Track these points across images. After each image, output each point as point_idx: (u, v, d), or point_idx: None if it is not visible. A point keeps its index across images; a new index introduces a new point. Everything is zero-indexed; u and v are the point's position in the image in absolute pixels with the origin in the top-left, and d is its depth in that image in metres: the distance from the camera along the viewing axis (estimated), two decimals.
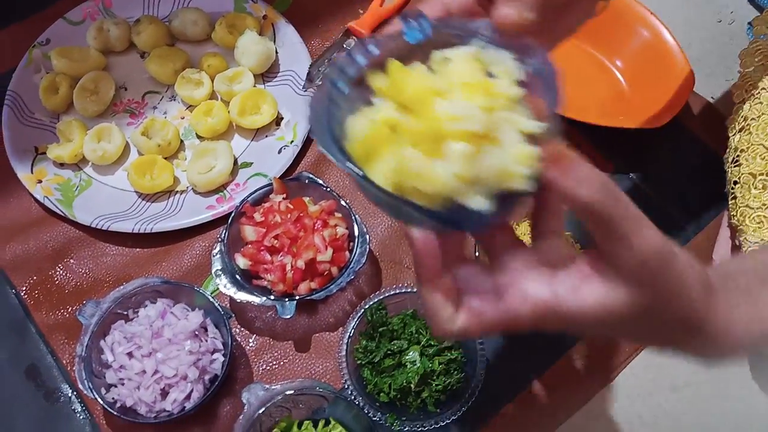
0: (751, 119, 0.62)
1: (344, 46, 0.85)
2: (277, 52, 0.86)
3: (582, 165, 0.36)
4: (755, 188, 0.60)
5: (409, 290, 0.68)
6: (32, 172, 0.78)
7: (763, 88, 0.63)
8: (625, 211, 0.37)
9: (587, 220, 0.37)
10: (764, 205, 0.60)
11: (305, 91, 0.82)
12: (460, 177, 0.36)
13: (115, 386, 0.66)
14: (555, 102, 0.38)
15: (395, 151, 0.37)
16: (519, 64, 0.39)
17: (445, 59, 0.39)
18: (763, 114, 0.61)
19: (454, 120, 0.36)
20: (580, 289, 0.37)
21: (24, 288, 0.74)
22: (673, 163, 0.80)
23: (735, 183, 0.63)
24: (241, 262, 0.70)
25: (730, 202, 0.65)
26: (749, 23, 0.89)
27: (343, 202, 0.72)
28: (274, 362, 0.71)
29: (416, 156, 0.36)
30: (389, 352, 0.67)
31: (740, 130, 0.64)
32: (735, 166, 0.63)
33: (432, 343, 0.67)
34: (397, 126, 0.37)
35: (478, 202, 0.36)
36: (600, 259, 0.38)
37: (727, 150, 0.66)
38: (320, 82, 0.38)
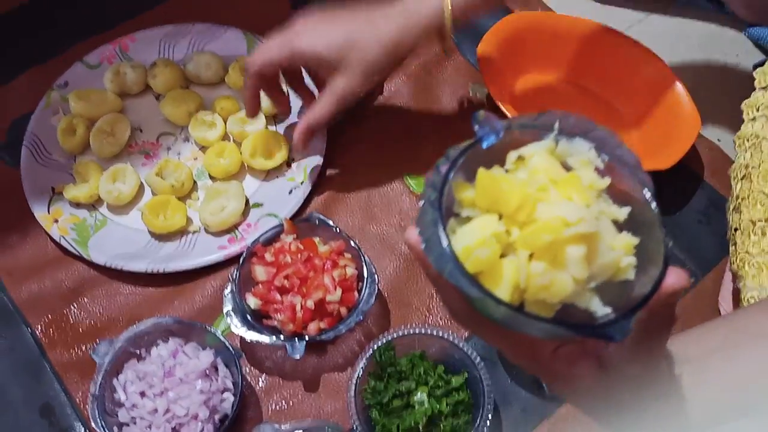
0: (752, 167, 0.63)
1: None
2: (288, 94, 0.88)
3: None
4: (755, 234, 0.61)
5: (417, 331, 0.69)
6: (49, 212, 0.80)
7: (764, 138, 0.64)
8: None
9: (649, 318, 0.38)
10: (763, 251, 0.60)
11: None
12: (581, 281, 0.36)
13: (128, 425, 0.66)
14: (647, 182, 0.39)
15: (514, 264, 0.36)
16: (595, 151, 0.40)
17: (519, 158, 0.40)
18: (763, 162, 0.62)
19: (568, 225, 0.36)
20: None
21: (39, 327, 0.75)
22: (679, 206, 0.81)
23: (735, 230, 0.64)
24: (252, 301, 0.71)
25: (730, 249, 0.66)
26: (755, 66, 0.90)
27: (352, 243, 0.73)
28: (284, 402, 0.72)
29: (542, 269, 0.36)
30: (397, 392, 0.68)
31: (742, 178, 0.65)
32: (736, 213, 0.64)
33: (440, 384, 0.68)
34: (504, 240, 0.37)
35: (597, 304, 0.37)
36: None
37: (730, 198, 0.67)
38: (421, 207, 0.39)
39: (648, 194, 0.39)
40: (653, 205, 0.38)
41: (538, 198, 0.37)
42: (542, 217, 0.36)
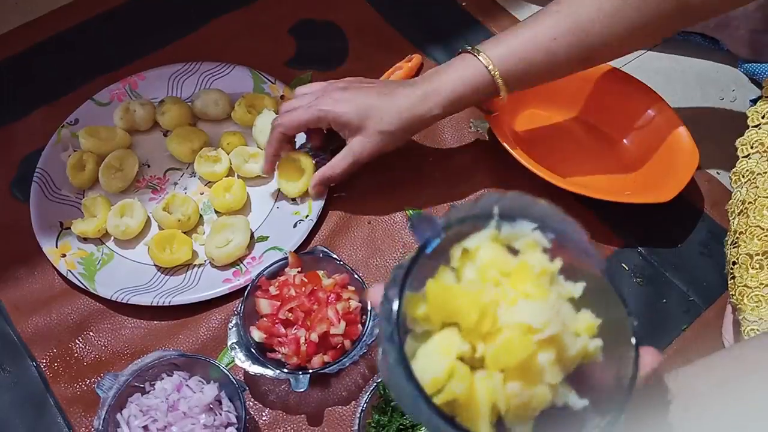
0: (748, 203, 0.64)
1: None
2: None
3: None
4: (753, 268, 0.62)
5: None
6: (57, 246, 0.81)
7: (759, 174, 0.65)
8: None
9: None
10: (761, 284, 0.61)
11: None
12: (556, 384, 0.35)
13: None
14: (597, 259, 0.38)
15: (487, 386, 0.35)
16: (540, 231, 0.38)
17: (465, 252, 0.38)
18: (758, 197, 0.63)
19: (535, 332, 0.35)
20: None
21: (44, 360, 0.76)
22: (680, 238, 0.82)
23: (734, 264, 0.65)
24: (256, 335, 0.71)
25: (729, 283, 0.67)
26: (751, 101, 0.92)
27: (356, 276, 0.73)
28: None
29: (519, 388, 0.35)
30: (402, 426, 0.67)
31: (739, 214, 0.66)
32: (734, 248, 0.65)
33: None
34: (467, 354, 0.35)
35: (575, 399, 0.36)
36: None
37: (728, 233, 0.68)
38: (379, 340, 0.37)
39: (600, 268, 0.38)
40: (606, 279, 0.37)
41: (497, 303, 0.36)
42: (506, 326, 0.35)
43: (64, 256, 0.80)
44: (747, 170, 0.67)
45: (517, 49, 0.74)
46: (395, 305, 0.35)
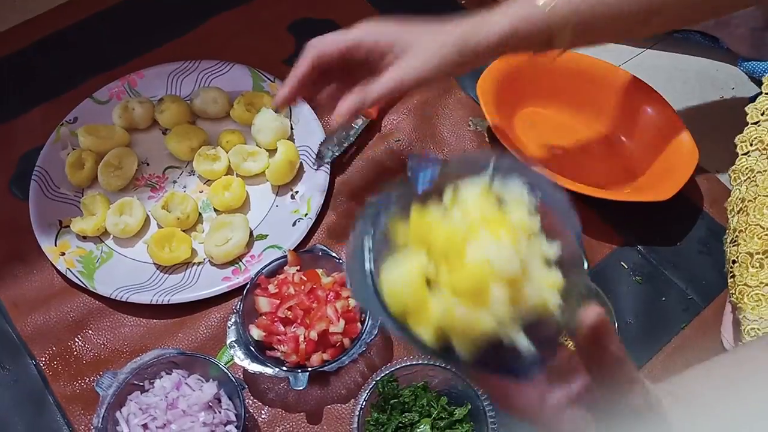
0: (748, 201, 0.64)
1: (352, 125, 0.89)
2: (292, 128, 0.90)
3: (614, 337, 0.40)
4: (753, 267, 0.62)
5: (419, 362, 0.69)
6: (56, 245, 0.81)
7: (759, 171, 0.65)
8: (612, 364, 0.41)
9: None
10: (762, 283, 0.61)
11: (316, 169, 0.86)
12: (505, 319, 0.38)
13: None
14: (575, 225, 0.41)
15: (439, 305, 0.38)
16: (528, 191, 0.41)
17: (454, 194, 0.41)
18: (758, 196, 0.63)
19: (492, 267, 0.37)
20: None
21: (44, 359, 0.76)
22: (680, 236, 0.82)
23: (734, 262, 0.65)
24: (255, 333, 0.71)
25: (729, 281, 0.66)
26: (751, 98, 0.92)
27: None
28: None
29: (464, 310, 0.37)
30: (400, 424, 0.68)
31: (738, 212, 0.66)
32: (733, 246, 0.65)
33: (443, 416, 0.68)
34: (432, 276, 0.38)
35: (522, 342, 0.38)
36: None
37: (726, 231, 0.68)
38: (352, 238, 0.41)
39: (575, 236, 0.40)
40: (579, 248, 0.40)
41: (467, 237, 0.38)
42: (470, 258, 0.38)
43: (63, 254, 0.80)
44: (746, 168, 0.67)
45: None
46: (382, 214, 0.40)
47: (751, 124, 0.68)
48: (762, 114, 0.70)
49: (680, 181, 0.80)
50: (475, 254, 0.38)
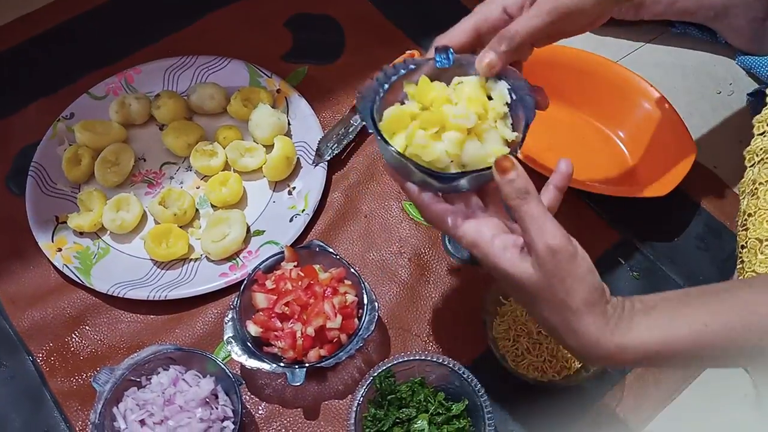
0: (760, 183, 0.63)
1: (351, 122, 0.88)
2: (289, 124, 0.90)
3: (516, 173, 0.52)
4: (762, 253, 0.61)
5: (417, 358, 0.69)
6: (53, 241, 0.81)
7: None
8: (530, 212, 0.51)
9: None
10: None
11: (315, 166, 0.86)
12: (450, 154, 0.55)
13: None
14: (530, 117, 0.56)
15: (410, 131, 0.55)
16: (509, 91, 0.57)
17: (459, 82, 0.58)
18: None
19: (454, 117, 0.55)
20: (505, 251, 0.53)
21: (41, 355, 0.76)
22: (677, 231, 0.82)
23: (743, 247, 0.63)
24: (253, 329, 0.71)
25: (738, 267, 0.65)
26: (748, 94, 0.92)
27: (352, 270, 0.73)
28: (284, 430, 0.72)
29: (422, 135, 0.55)
30: (398, 420, 0.68)
31: (750, 194, 0.64)
32: (743, 230, 0.64)
33: (440, 411, 0.68)
34: (415, 116, 0.56)
35: (457, 172, 0.55)
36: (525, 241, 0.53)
37: (737, 213, 0.66)
38: (371, 81, 0.58)
39: (524, 125, 0.56)
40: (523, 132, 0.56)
41: (449, 101, 0.57)
42: (441, 109, 0.56)
43: (60, 250, 0.80)
44: (761, 149, 0.64)
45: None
46: (398, 70, 0.59)
47: (757, 135, 0.67)
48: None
49: (678, 177, 0.80)
50: (447, 108, 0.56)
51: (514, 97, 0.57)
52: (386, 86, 0.58)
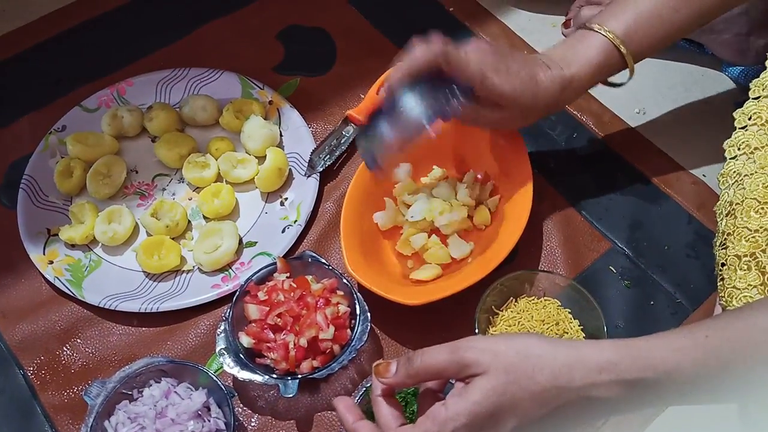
0: (736, 204, 0.64)
1: (343, 133, 0.89)
2: (281, 135, 0.90)
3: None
4: (741, 269, 0.62)
5: None
6: (44, 253, 0.81)
7: (745, 175, 0.65)
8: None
9: None
10: (750, 285, 0.61)
11: (307, 178, 0.86)
12: None
13: None
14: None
15: None
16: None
17: None
18: (745, 198, 0.63)
19: None
20: (446, 407, 0.50)
21: (31, 368, 0.75)
22: (667, 240, 0.82)
23: (722, 265, 0.65)
24: (245, 340, 0.71)
25: (719, 284, 0.67)
26: (736, 104, 0.92)
27: (345, 280, 0.74)
28: None
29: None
30: None
31: (726, 215, 0.66)
32: (722, 249, 0.65)
33: None
34: None
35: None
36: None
37: (716, 234, 0.68)
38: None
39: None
40: None
41: None
42: None
43: (51, 262, 0.80)
44: (734, 171, 0.67)
45: (640, 23, 0.71)
46: None
47: (739, 128, 0.69)
48: (749, 118, 0.70)
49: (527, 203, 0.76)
50: None
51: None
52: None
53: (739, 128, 0.70)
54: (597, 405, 0.48)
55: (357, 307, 0.72)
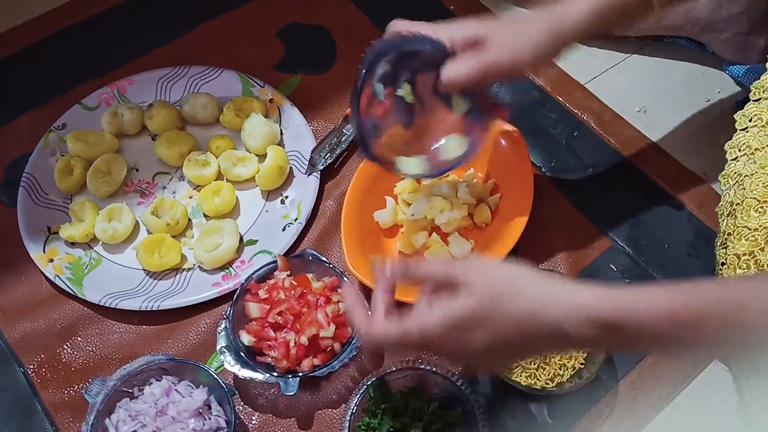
0: (736, 204, 0.65)
1: (343, 131, 0.89)
2: (282, 133, 0.90)
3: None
4: (740, 268, 0.63)
5: (411, 366, 0.69)
6: (44, 252, 0.81)
7: (746, 175, 0.66)
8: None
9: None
10: None
11: (308, 176, 0.86)
12: None
13: None
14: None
15: None
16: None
17: None
18: (745, 198, 0.64)
19: None
20: (430, 309, 0.52)
21: (32, 366, 0.75)
22: (668, 239, 0.82)
23: (722, 264, 0.65)
24: (246, 338, 0.71)
25: None
26: (737, 102, 0.92)
27: (345, 278, 0.74)
28: None
29: None
30: (392, 429, 0.67)
31: (727, 215, 0.67)
32: (722, 249, 0.66)
33: (434, 420, 0.68)
34: None
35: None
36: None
37: (717, 234, 0.68)
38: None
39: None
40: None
41: None
42: None
43: (51, 261, 0.80)
44: (735, 172, 0.68)
45: None
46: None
47: (740, 130, 0.69)
48: (750, 120, 0.70)
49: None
50: None
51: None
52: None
53: (740, 130, 0.70)
54: (569, 340, 0.51)
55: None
